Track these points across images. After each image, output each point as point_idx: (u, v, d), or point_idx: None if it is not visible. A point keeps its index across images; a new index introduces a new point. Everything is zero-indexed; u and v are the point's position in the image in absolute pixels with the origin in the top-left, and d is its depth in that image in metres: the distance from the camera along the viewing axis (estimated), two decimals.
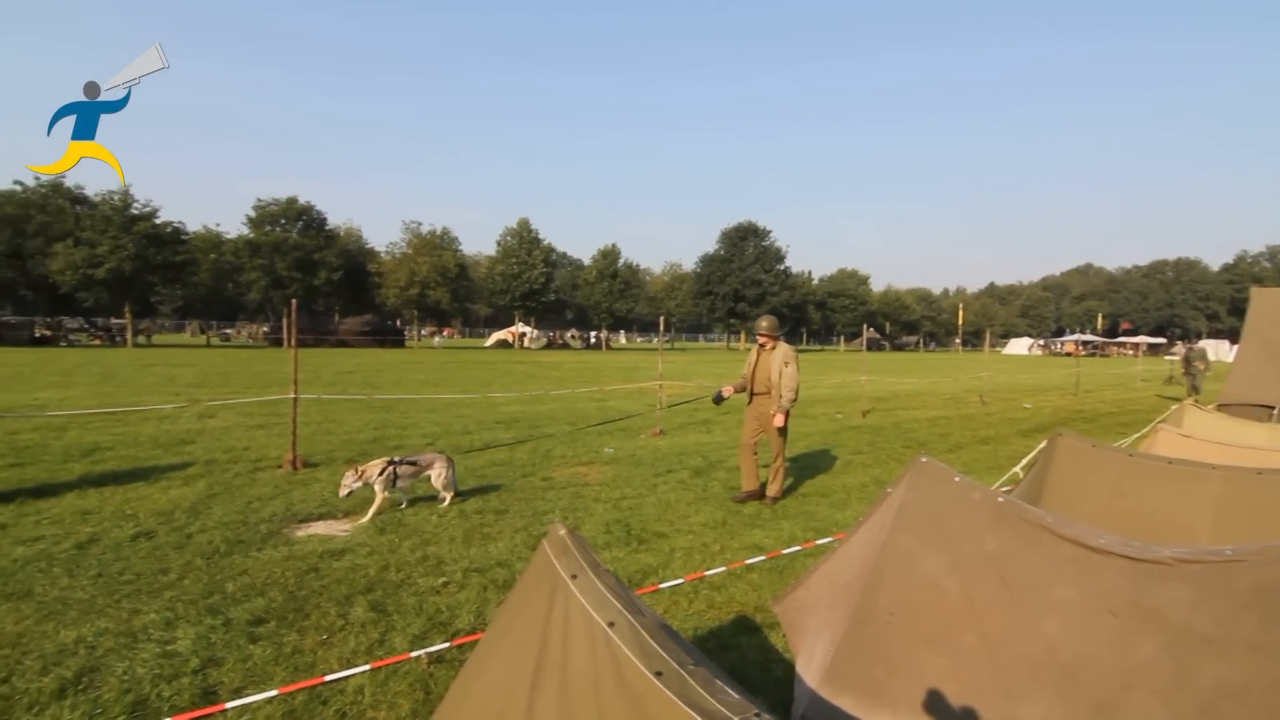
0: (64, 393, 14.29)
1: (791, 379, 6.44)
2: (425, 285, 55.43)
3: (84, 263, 41.06)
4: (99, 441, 8.64)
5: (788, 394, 6.44)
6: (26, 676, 3.12)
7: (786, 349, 6.57)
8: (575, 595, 1.58)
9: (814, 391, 19.57)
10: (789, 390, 6.43)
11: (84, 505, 5.86)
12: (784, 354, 6.52)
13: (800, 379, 6.62)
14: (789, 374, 6.44)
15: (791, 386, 6.44)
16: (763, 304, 66.20)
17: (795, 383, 6.46)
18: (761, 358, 6.65)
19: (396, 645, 3.46)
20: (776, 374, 6.46)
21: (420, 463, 6.03)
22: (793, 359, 6.50)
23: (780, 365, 6.46)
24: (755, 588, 4.33)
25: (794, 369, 6.47)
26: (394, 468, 5.80)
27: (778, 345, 6.62)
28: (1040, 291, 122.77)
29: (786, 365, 6.46)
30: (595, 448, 9.33)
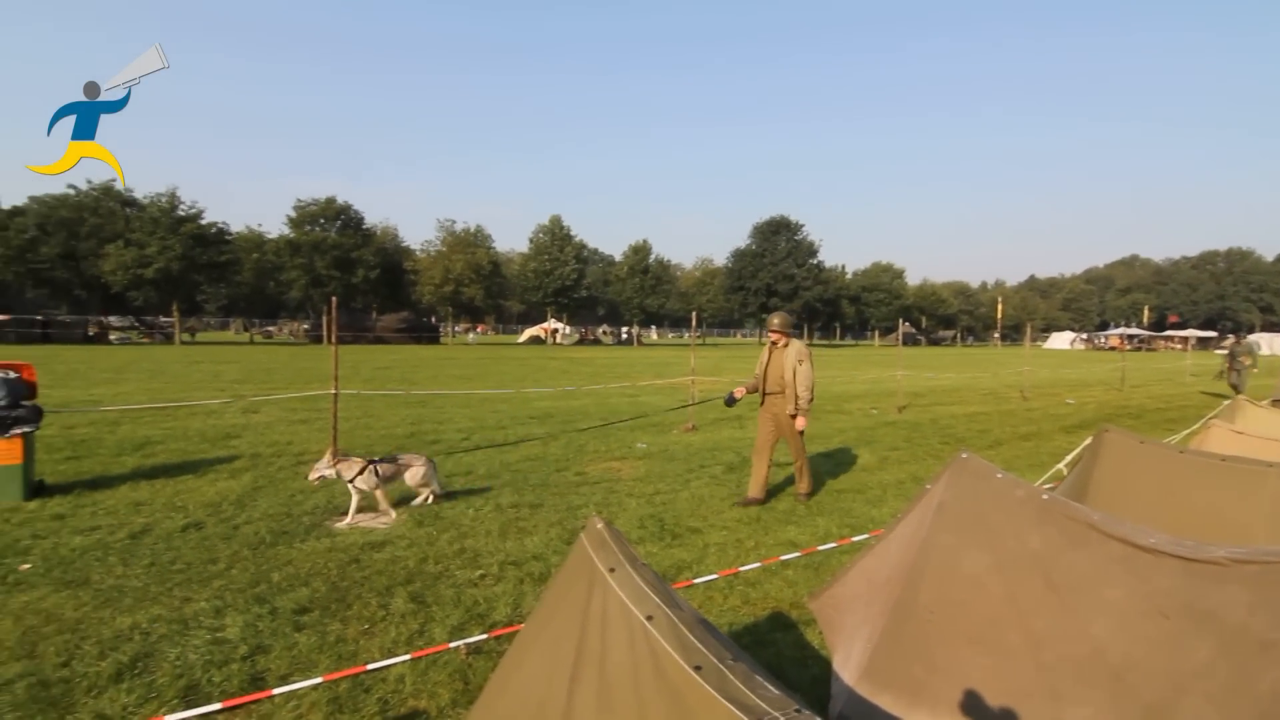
0: (116, 389, 14.85)
1: (806, 378, 6.17)
2: (459, 282, 56.17)
3: (134, 263, 42.59)
4: (150, 436, 8.97)
5: (805, 394, 6.16)
6: (85, 660, 3.25)
7: (800, 346, 6.31)
8: (613, 589, 1.59)
9: (848, 387, 19.34)
10: (805, 390, 6.16)
11: (137, 497, 6.08)
12: (797, 351, 6.25)
13: (816, 376, 6.37)
14: (803, 372, 6.16)
15: (807, 385, 6.17)
16: (795, 299, 65.53)
17: (811, 381, 6.20)
18: (774, 356, 6.39)
19: (436, 636, 3.53)
20: (790, 373, 6.19)
21: (400, 462, 5.88)
22: (806, 356, 6.24)
23: (794, 363, 6.19)
24: (790, 584, 4.30)
25: (808, 367, 6.20)
26: (373, 467, 5.65)
27: (790, 342, 6.36)
28: (1083, 284, 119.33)
29: (800, 363, 6.18)
30: (628, 443, 9.36)
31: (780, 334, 6.37)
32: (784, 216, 68.01)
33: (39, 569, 4.36)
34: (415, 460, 5.97)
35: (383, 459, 5.81)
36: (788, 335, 6.40)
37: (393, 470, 5.81)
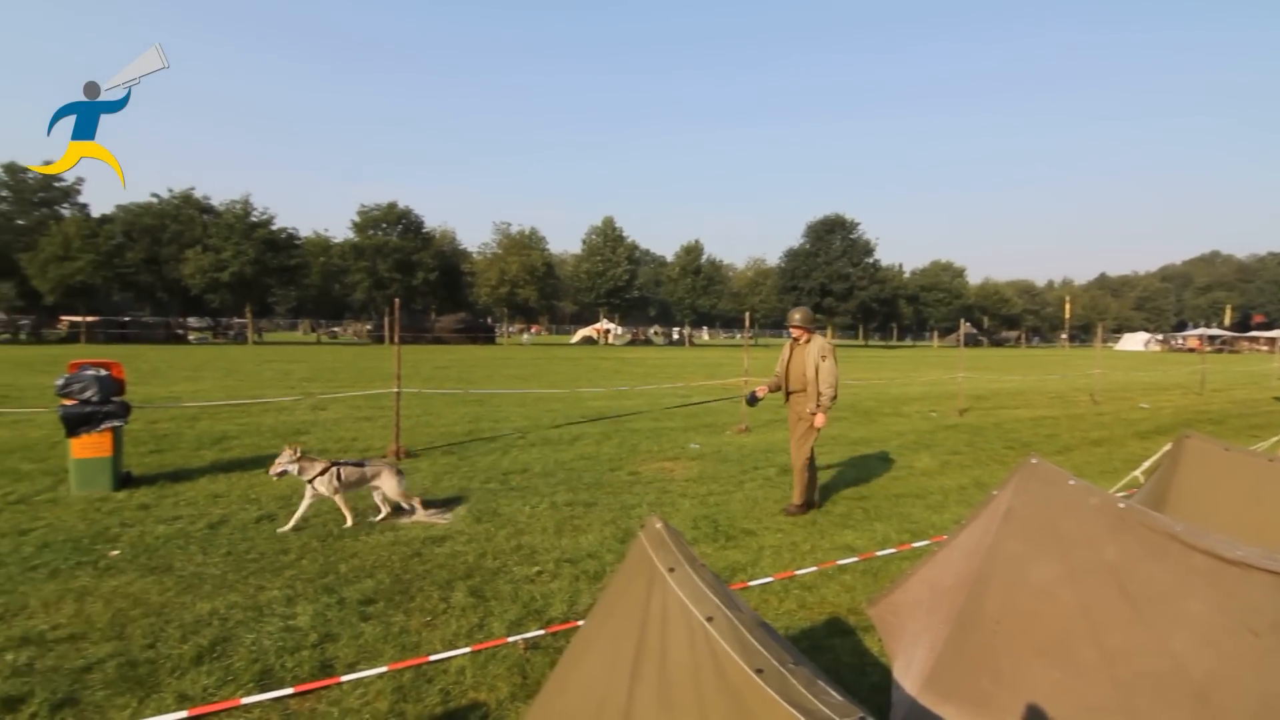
0: (195, 386, 15.69)
1: (829, 374, 5.94)
2: (514, 284, 57.18)
3: (210, 267, 44.96)
4: (226, 431, 9.45)
5: (827, 391, 5.92)
6: (169, 643, 3.45)
7: (822, 342, 6.09)
8: (673, 588, 1.60)
9: (906, 389, 18.85)
10: (828, 387, 5.92)
11: (214, 489, 6.42)
12: (819, 347, 6.03)
13: (840, 374, 6.13)
14: (826, 369, 5.94)
15: (830, 383, 5.93)
16: (850, 298, 64.27)
17: (834, 378, 5.96)
18: (795, 352, 6.19)
19: (495, 630, 3.61)
20: (812, 369, 5.97)
21: (367, 469, 5.57)
22: (829, 352, 6.01)
23: (816, 360, 5.97)
24: (848, 589, 4.23)
25: (831, 363, 5.96)
26: (337, 469, 5.41)
27: (812, 338, 6.15)
28: (1158, 282, 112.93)
29: (824, 359, 5.96)
30: (680, 443, 9.36)
31: (802, 329, 6.17)
32: (839, 215, 66.79)
33: (127, 555, 4.65)
34: (384, 469, 5.60)
35: (348, 462, 5.57)
36: (809, 331, 6.21)
37: (357, 476, 5.52)
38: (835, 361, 6.01)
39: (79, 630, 3.56)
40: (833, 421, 11.80)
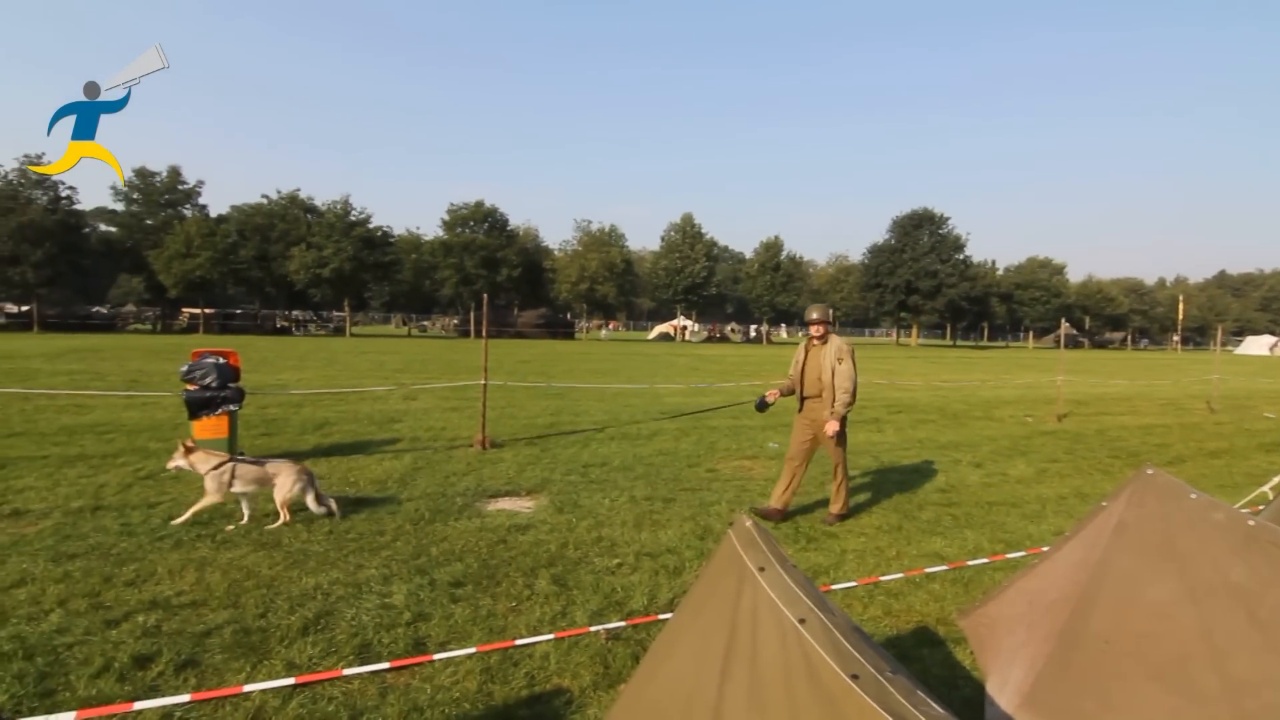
0: (299, 374, 16.76)
1: (846, 377, 5.51)
2: (594, 280, 58.02)
3: (313, 263, 47.96)
4: (327, 417, 10.05)
5: (842, 395, 5.50)
6: (279, 614, 3.70)
7: (840, 342, 5.66)
8: (763, 588, 1.60)
9: (998, 392, 17.93)
10: (844, 391, 5.50)
11: (317, 472, 6.73)
12: (837, 348, 5.61)
13: (859, 378, 5.72)
14: (843, 372, 5.51)
15: (846, 387, 5.50)
16: (938, 296, 61.64)
17: (851, 382, 5.52)
18: (811, 354, 5.75)
19: (577, 619, 3.69)
20: (829, 372, 5.55)
21: (267, 469, 5.27)
22: (847, 354, 5.58)
23: (833, 362, 5.55)
24: (937, 599, 4.08)
25: (849, 365, 5.53)
26: (234, 466, 5.19)
27: (830, 338, 5.72)
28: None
29: (840, 362, 5.53)
30: (759, 442, 9.27)
31: (819, 327, 5.73)
32: (927, 209, 64.15)
33: (241, 530, 5.02)
34: (285, 470, 5.28)
35: (248, 460, 5.35)
36: (827, 330, 5.77)
37: (255, 475, 5.25)
38: (854, 364, 5.60)
39: (199, 597, 3.87)
40: (919, 424, 11.40)
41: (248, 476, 5.22)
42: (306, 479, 5.31)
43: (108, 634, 3.40)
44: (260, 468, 5.28)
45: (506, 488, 6.40)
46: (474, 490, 6.26)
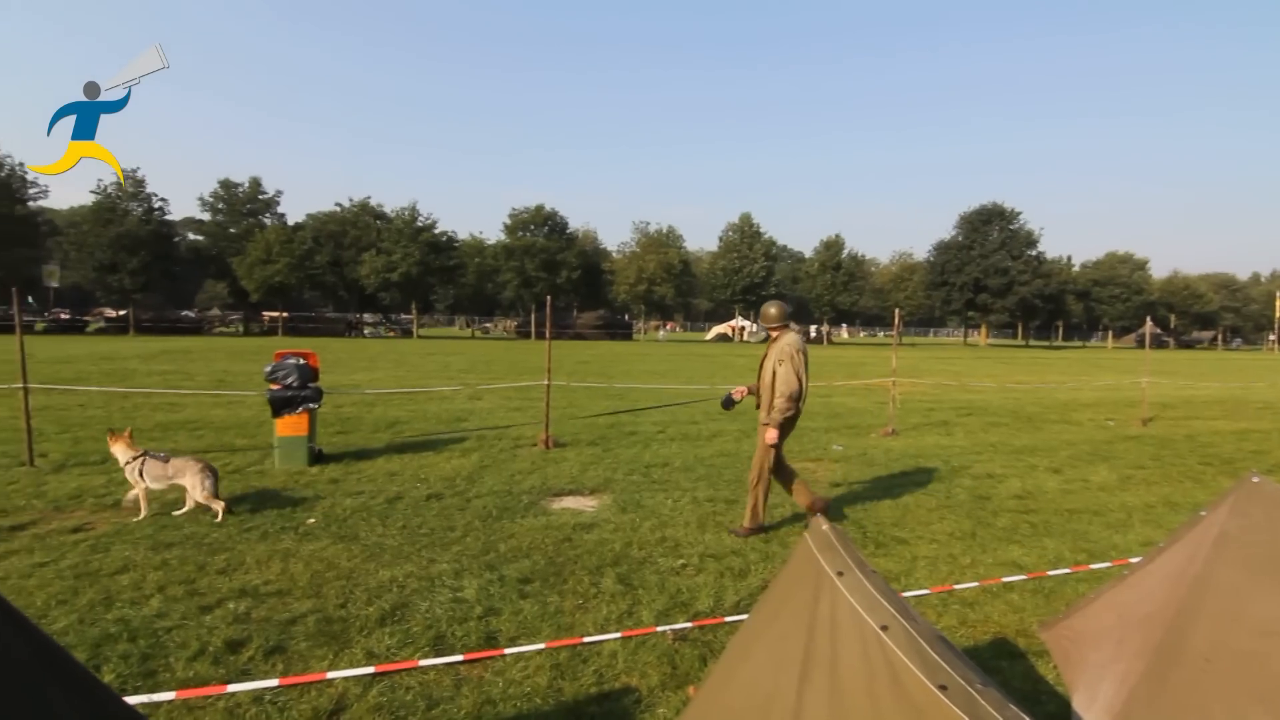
0: (371, 375, 17.42)
1: (785, 381, 4.92)
2: (652, 281, 58.26)
3: (383, 268, 49.84)
4: (398, 416, 10.41)
5: (779, 401, 4.94)
6: (357, 605, 3.86)
7: (786, 342, 5.06)
8: (843, 593, 1.57)
9: (1076, 394, 17.09)
10: (780, 396, 4.94)
11: (390, 468, 7.09)
12: (780, 349, 5.04)
13: (807, 382, 5.10)
14: (782, 374, 4.94)
15: (784, 391, 4.91)
16: (1009, 295, 59.21)
17: (790, 386, 4.91)
18: (769, 352, 5.26)
19: (643, 618, 3.71)
20: (769, 374, 5.05)
21: (170, 465, 5.37)
22: (789, 355, 4.98)
23: (775, 362, 5.02)
24: (1015, 609, 3.92)
25: (789, 368, 4.94)
26: (144, 460, 5.36)
27: (782, 335, 5.16)
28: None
29: (780, 363, 4.98)
30: (822, 444, 9.10)
31: (775, 326, 5.22)
32: (997, 204, 61.72)
33: (321, 523, 5.25)
34: (187, 469, 5.36)
35: (155, 456, 5.45)
36: (782, 328, 5.23)
37: (159, 472, 5.36)
38: (798, 365, 5.00)
39: (284, 587, 4.07)
40: (990, 427, 10.97)
41: (153, 472, 5.37)
42: (212, 475, 5.40)
43: (202, 619, 3.62)
44: (164, 465, 5.39)
45: (570, 487, 6.48)
46: (539, 489, 6.37)
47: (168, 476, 5.36)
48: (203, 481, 5.31)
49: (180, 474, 5.34)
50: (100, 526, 5.08)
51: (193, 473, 5.32)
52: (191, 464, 5.39)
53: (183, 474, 5.34)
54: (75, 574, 4.16)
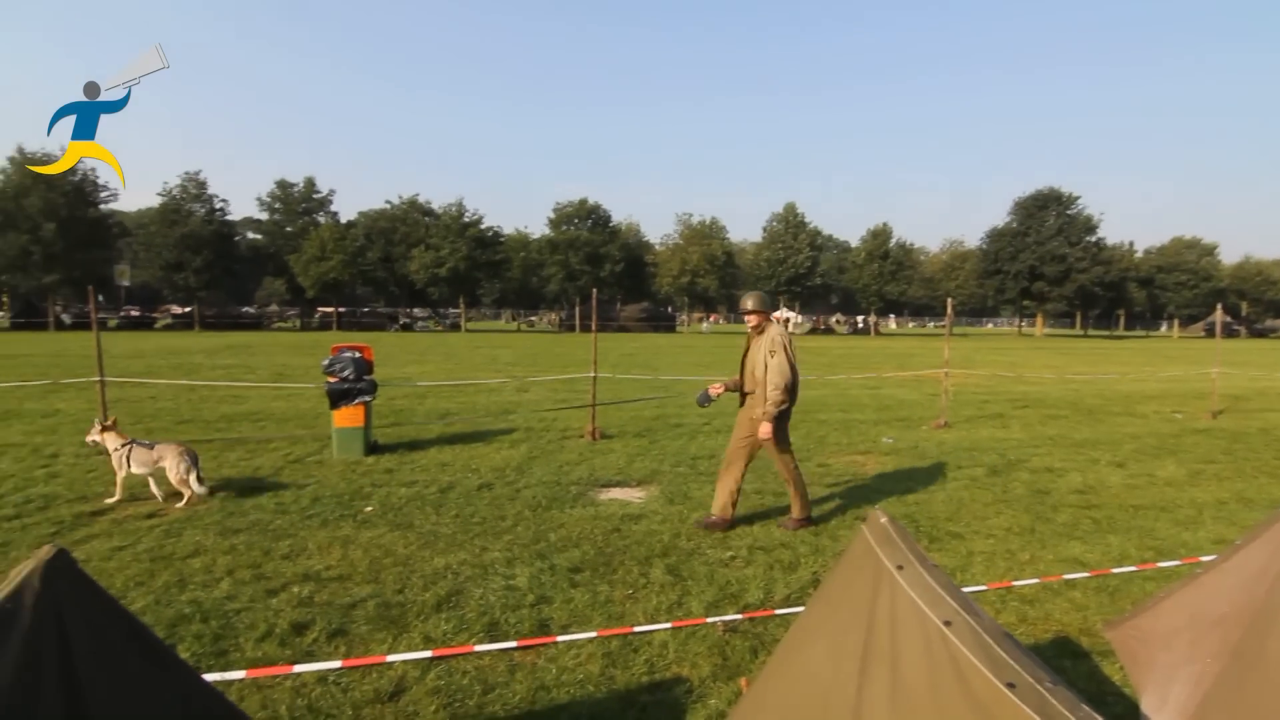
0: (421, 368, 17.83)
1: (777, 372, 4.87)
2: (695, 273, 57.99)
3: (432, 263, 50.87)
4: (449, 408, 10.65)
5: (773, 393, 4.87)
6: (414, 590, 3.97)
7: (776, 333, 5.02)
8: (903, 587, 1.55)
9: (1140, 385, 16.39)
10: (774, 388, 4.86)
11: (442, 459, 7.25)
12: (770, 340, 4.98)
13: (799, 373, 5.06)
14: (774, 366, 4.89)
15: (777, 383, 4.86)
16: (1066, 282, 57.00)
17: (784, 378, 4.87)
18: (751, 345, 5.20)
19: (693, 609, 3.72)
20: (762, 366, 4.95)
21: (154, 452, 5.64)
22: (780, 346, 4.93)
23: (765, 355, 4.96)
24: (1078, 607, 3.80)
25: (782, 359, 4.89)
26: (130, 448, 5.63)
27: (767, 327, 5.10)
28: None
29: (773, 355, 4.91)
30: (872, 437, 8.95)
31: (756, 316, 5.14)
32: (1054, 188, 59.36)
33: (378, 512, 5.41)
34: (168, 452, 5.60)
35: (141, 444, 5.70)
36: (763, 319, 5.16)
37: (144, 457, 5.62)
38: (789, 357, 4.96)
39: (345, 572, 4.21)
40: (1049, 420, 10.61)
41: (139, 458, 5.62)
42: (190, 459, 5.61)
43: (269, 602, 3.77)
44: (150, 451, 5.64)
45: (618, 478, 6.53)
46: (586, 479, 6.44)
47: (153, 461, 5.64)
48: (178, 465, 5.54)
49: (162, 459, 5.61)
50: (172, 512, 5.34)
51: (172, 456, 5.58)
52: (172, 449, 5.65)
53: (164, 458, 5.61)
54: (150, 557, 4.38)
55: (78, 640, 1.61)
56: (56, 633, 1.57)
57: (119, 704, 1.64)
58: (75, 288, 43.05)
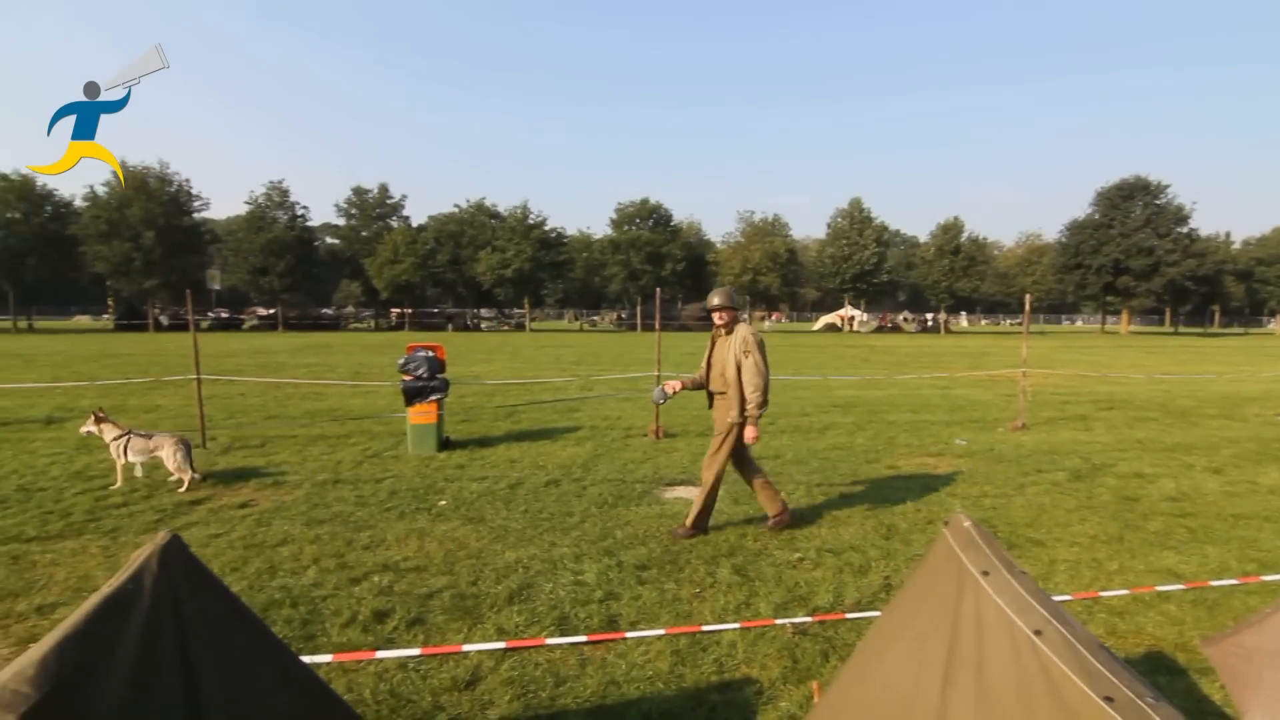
0: (489, 367, 18.29)
1: (753, 374, 4.76)
2: (757, 271, 57.32)
3: (498, 265, 52.06)
4: (516, 406, 10.90)
5: (753, 395, 4.75)
6: (487, 583, 4.09)
7: (746, 332, 4.89)
8: (988, 593, 1.51)
9: (1238, 386, 15.28)
10: (754, 390, 4.75)
11: (510, 455, 7.43)
12: (742, 340, 4.84)
13: (769, 373, 4.89)
14: (749, 367, 4.77)
15: (756, 384, 4.75)
16: (1154, 276, 53.51)
17: (760, 379, 4.76)
18: (718, 345, 5.06)
19: (760, 609, 3.70)
20: (733, 367, 4.83)
21: (152, 441, 6.04)
22: (754, 346, 4.81)
23: (738, 355, 4.82)
24: (1173, 621, 3.59)
25: (755, 359, 4.78)
26: (128, 438, 6.02)
27: (736, 328, 4.96)
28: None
29: (746, 355, 4.79)
30: (943, 438, 8.66)
31: (723, 315, 5.01)
32: (1140, 177, 55.81)
33: (451, 506, 5.59)
34: (165, 441, 6.02)
35: (139, 434, 6.13)
36: (733, 317, 5.03)
37: (142, 446, 6.03)
38: (762, 357, 4.84)
39: (421, 563, 4.38)
40: (1137, 422, 10.04)
41: (137, 447, 6.03)
42: (185, 448, 6.02)
43: (352, 590, 3.96)
44: (146, 440, 6.04)
45: (682, 476, 6.55)
46: (651, 478, 6.48)
47: (149, 450, 6.05)
48: (174, 453, 5.96)
49: (159, 448, 6.02)
50: (262, 503, 5.65)
51: (168, 446, 5.99)
52: (168, 439, 6.06)
53: (161, 447, 6.01)
54: (244, 545, 4.66)
55: (190, 617, 1.74)
56: (173, 610, 1.70)
57: (226, 675, 1.77)
58: (172, 291, 46.16)
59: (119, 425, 6.27)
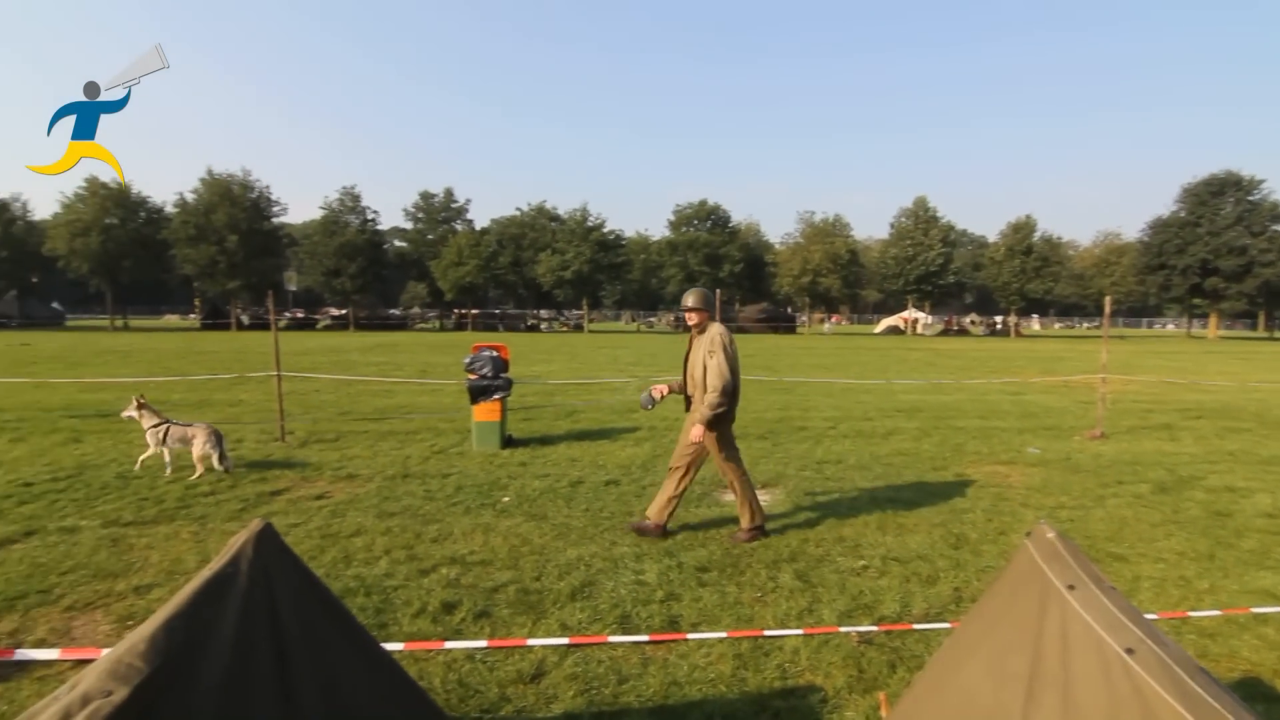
0: (549, 367, 18.58)
1: (716, 374, 4.65)
2: (817, 273, 56.29)
3: (558, 267, 52.91)
4: (576, 405, 11.03)
5: (710, 395, 4.66)
6: (550, 579, 4.16)
7: (716, 332, 4.78)
8: (1075, 609, 1.46)
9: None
10: (712, 390, 4.66)
11: (571, 454, 7.53)
12: (710, 340, 4.76)
13: (740, 374, 4.81)
14: (713, 366, 4.67)
15: (715, 385, 4.64)
16: (1247, 278, 49.89)
17: (722, 379, 4.64)
18: (693, 346, 4.95)
19: (824, 616, 3.65)
20: (700, 367, 4.75)
21: (188, 431, 6.33)
22: (720, 346, 4.70)
23: (705, 355, 4.74)
24: (1271, 646, 3.36)
25: (721, 359, 4.67)
26: (168, 427, 6.33)
27: (708, 328, 4.86)
28: None
29: (711, 356, 4.70)
30: (1015, 446, 8.32)
31: (694, 315, 4.89)
32: (1232, 172, 52.16)
33: (514, 502, 5.71)
34: (199, 431, 6.33)
35: (178, 423, 6.42)
36: (705, 318, 4.90)
37: (180, 434, 6.33)
38: (729, 358, 4.72)
39: (487, 557, 4.49)
40: (1228, 433, 9.42)
41: (175, 435, 6.36)
42: (216, 439, 6.35)
43: (421, 581, 4.09)
44: (184, 429, 6.38)
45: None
46: (710, 480, 6.44)
47: (186, 440, 6.37)
48: (204, 443, 6.30)
49: (194, 436, 6.36)
50: (337, 495, 5.90)
51: (200, 435, 6.34)
52: (202, 429, 6.40)
53: (195, 436, 6.36)
54: (321, 535, 4.88)
55: (282, 600, 1.84)
56: (266, 592, 1.81)
57: (314, 654, 1.87)
58: (253, 292, 48.73)
59: (159, 414, 6.60)
